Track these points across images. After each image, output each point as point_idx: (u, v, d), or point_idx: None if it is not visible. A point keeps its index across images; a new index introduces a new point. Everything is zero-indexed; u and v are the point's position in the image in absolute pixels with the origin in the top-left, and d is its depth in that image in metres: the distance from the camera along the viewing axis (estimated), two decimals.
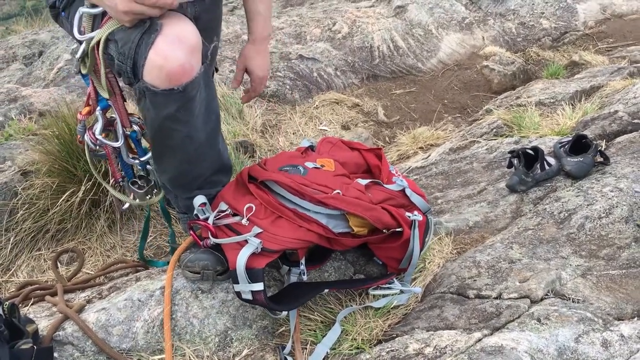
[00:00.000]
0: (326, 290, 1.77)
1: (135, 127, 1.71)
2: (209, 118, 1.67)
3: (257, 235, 1.59)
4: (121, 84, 1.64)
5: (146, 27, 1.47)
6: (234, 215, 1.68)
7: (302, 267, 1.75)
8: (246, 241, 1.57)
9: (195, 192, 1.76)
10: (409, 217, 1.77)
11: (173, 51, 1.45)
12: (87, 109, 1.69)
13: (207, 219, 1.67)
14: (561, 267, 1.74)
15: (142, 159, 1.77)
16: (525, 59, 4.32)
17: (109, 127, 1.71)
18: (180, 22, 1.51)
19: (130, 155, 1.77)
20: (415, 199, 1.91)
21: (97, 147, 1.72)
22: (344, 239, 1.70)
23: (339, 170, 1.90)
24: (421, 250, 1.86)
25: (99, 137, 1.68)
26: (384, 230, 1.74)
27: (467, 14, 4.61)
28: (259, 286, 1.54)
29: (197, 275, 1.70)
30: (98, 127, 1.67)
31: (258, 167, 1.82)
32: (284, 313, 1.66)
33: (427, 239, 1.89)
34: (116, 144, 1.71)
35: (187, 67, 1.47)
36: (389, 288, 1.79)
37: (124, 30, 1.49)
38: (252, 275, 1.54)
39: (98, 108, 1.66)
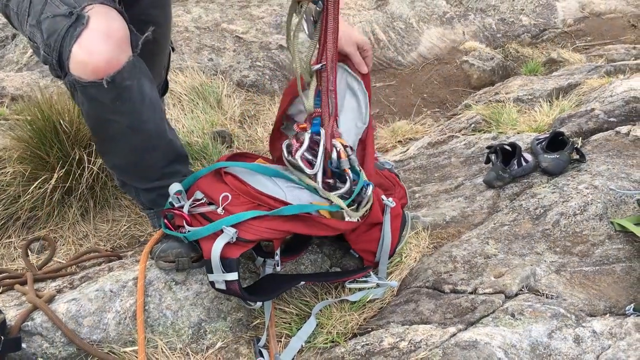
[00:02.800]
0: (302, 283, 1.76)
1: (334, 156, 1.70)
2: (155, 107, 1.65)
3: (232, 225, 1.57)
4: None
5: (73, 19, 1.44)
6: (210, 204, 1.66)
7: (277, 257, 1.73)
8: (221, 230, 1.55)
9: (155, 184, 1.73)
10: (383, 200, 1.77)
11: (98, 46, 1.44)
12: (304, 125, 1.74)
13: (182, 207, 1.65)
14: (536, 263, 1.75)
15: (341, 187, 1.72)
16: (504, 55, 4.34)
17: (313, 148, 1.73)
18: (108, 15, 1.48)
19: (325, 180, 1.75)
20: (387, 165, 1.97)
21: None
22: (323, 220, 1.68)
23: None
24: (398, 243, 1.85)
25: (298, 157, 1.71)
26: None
27: (448, 8, 4.62)
28: (233, 276, 1.52)
29: (171, 264, 1.67)
30: (302, 148, 1.71)
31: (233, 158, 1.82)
32: (259, 304, 1.65)
33: (404, 233, 1.89)
34: (310, 171, 1.70)
35: (113, 62, 1.46)
36: (365, 281, 1.79)
37: (50, 20, 1.45)
38: (226, 265, 1.52)
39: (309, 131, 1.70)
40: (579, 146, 2.35)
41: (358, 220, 1.71)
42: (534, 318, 1.51)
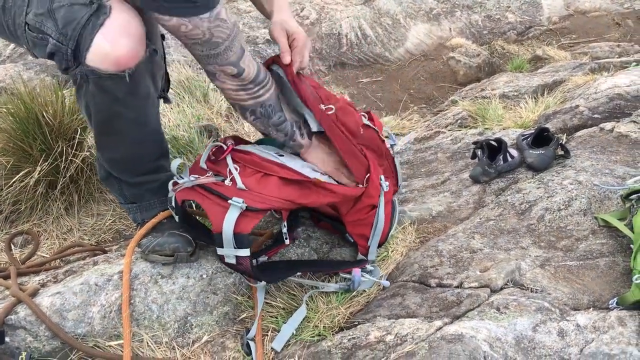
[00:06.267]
0: (298, 274, 1.76)
1: None
2: (154, 102, 1.66)
3: (240, 194, 1.55)
4: None
5: (94, 8, 1.42)
6: (216, 175, 1.64)
7: (285, 229, 1.73)
8: (229, 203, 1.52)
9: (140, 178, 1.72)
10: (380, 180, 1.78)
11: (121, 37, 1.43)
12: None
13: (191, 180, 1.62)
14: (521, 257, 1.77)
15: None
16: (490, 52, 4.37)
17: None
18: (127, 8, 1.48)
19: None
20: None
21: None
22: (328, 185, 1.69)
23: None
24: (389, 230, 1.87)
25: None
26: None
27: (435, 4, 4.63)
28: (244, 252, 1.52)
29: (169, 258, 1.67)
30: None
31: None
32: (262, 283, 1.65)
33: (393, 220, 1.91)
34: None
35: (134, 54, 1.46)
36: (362, 275, 1.79)
37: (66, 8, 1.43)
38: (238, 240, 1.51)
39: None
40: (563, 142, 2.37)
41: (361, 186, 1.76)
42: (518, 312, 1.52)
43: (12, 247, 2.13)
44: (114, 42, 1.42)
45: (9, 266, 1.84)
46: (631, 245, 1.67)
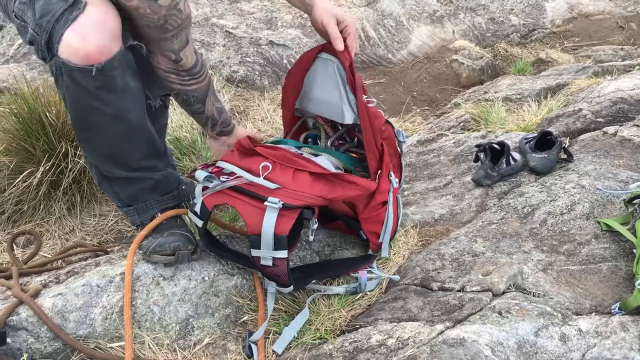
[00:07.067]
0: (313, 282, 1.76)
1: None
2: (136, 97, 1.63)
3: (276, 192, 1.53)
4: None
5: (70, 2, 1.44)
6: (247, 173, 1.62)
7: (315, 226, 1.66)
8: (265, 205, 1.51)
9: (131, 174, 1.70)
10: (390, 176, 1.80)
11: (92, 32, 1.44)
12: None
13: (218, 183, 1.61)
14: (523, 261, 1.76)
15: None
16: (493, 55, 4.36)
17: None
18: (105, 4, 1.48)
19: None
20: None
21: None
22: (352, 177, 1.69)
23: None
24: (397, 225, 1.91)
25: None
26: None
27: (439, 6, 4.63)
28: (283, 254, 1.51)
29: (170, 258, 1.66)
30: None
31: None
32: (290, 288, 1.64)
33: (399, 216, 1.92)
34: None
35: (105, 50, 1.47)
36: (370, 271, 1.80)
37: (44, 0, 1.45)
38: (277, 241, 1.50)
39: None
40: (566, 146, 2.37)
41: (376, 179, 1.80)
42: (520, 316, 1.51)
43: (14, 247, 2.14)
44: (84, 37, 1.43)
45: (11, 266, 1.84)
46: (634, 250, 1.67)
